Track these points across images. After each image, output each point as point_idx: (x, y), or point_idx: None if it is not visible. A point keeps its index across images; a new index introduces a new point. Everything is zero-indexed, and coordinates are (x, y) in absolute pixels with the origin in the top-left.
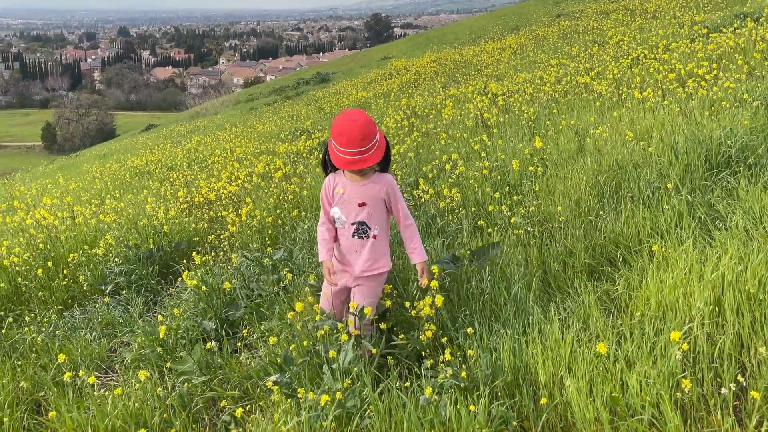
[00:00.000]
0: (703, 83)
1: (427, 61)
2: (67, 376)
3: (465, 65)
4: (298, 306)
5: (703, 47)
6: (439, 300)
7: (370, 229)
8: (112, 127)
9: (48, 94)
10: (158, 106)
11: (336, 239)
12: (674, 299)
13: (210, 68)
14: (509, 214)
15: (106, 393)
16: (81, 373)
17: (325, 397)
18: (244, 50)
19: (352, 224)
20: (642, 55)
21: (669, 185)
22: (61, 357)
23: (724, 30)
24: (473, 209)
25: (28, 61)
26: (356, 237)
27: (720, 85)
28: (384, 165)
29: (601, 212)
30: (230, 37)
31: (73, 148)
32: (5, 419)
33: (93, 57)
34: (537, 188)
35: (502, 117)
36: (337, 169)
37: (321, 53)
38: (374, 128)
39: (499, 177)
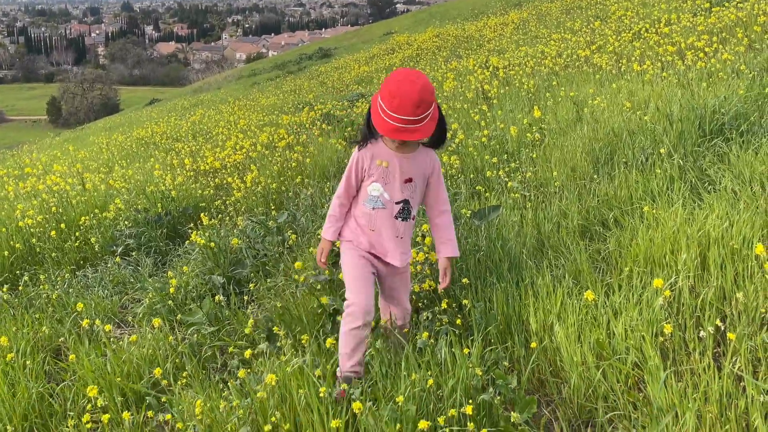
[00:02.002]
0: (701, 55)
1: (429, 36)
2: (85, 323)
3: (467, 40)
4: (297, 265)
5: (704, 21)
6: (434, 257)
7: (412, 209)
8: (116, 101)
9: (53, 69)
10: (161, 81)
11: (352, 226)
12: (662, 256)
13: (213, 44)
14: (507, 179)
15: (121, 342)
16: (97, 322)
17: (330, 341)
18: (247, 26)
19: (397, 203)
20: (643, 29)
21: (662, 150)
22: (80, 305)
23: (726, 4)
24: (472, 176)
25: (33, 35)
26: (400, 219)
27: (718, 57)
28: (438, 142)
29: (595, 176)
30: (233, 13)
31: (77, 122)
32: (27, 362)
33: (97, 32)
34: (534, 155)
35: (503, 89)
36: (377, 137)
37: (323, 29)
38: (433, 96)
39: (497, 146)
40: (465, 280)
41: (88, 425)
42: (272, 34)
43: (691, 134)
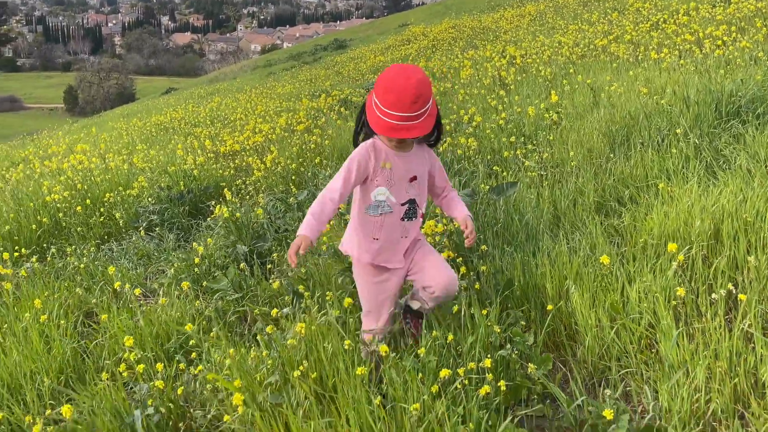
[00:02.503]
0: (719, 43)
1: (445, 27)
2: (116, 285)
3: (483, 31)
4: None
5: (723, 11)
6: (451, 227)
7: (418, 207)
8: (132, 90)
9: (70, 58)
10: (177, 72)
11: (354, 236)
12: (676, 229)
13: (228, 35)
14: (523, 159)
15: (150, 307)
16: (127, 286)
17: (348, 300)
18: (262, 17)
19: (403, 204)
20: (662, 20)
21: (678, 131)
22: (111, 269)
23: None
24: (489, 157)
25: (51, 24)
26: (406, 219)
27: (737, 46)
28: (436, 140)
29: (612, 156)
30: (248, 4)
31: (94, 110)
32: (61, 321)
33: (114, 22)
34: (551, 137)
35: (519, 76)
36: (371, 135)
37: (338, 21)
38: (430, 90)
39: (514, 129)
40: (483, 247)
41: (125, 373)
42: (287, 26)
43: (707, 116)
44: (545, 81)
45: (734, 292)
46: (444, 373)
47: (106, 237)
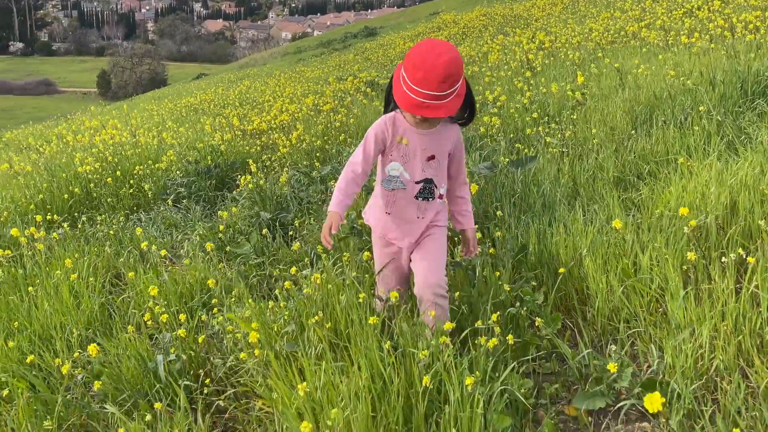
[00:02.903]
0: (751, 27)
1: (476, 15)
2: (143, 245)
3: (515, 19)
4: None
5: None
6: (474, 188)
7: (436, 187)
8: (164, 76)
9: (104, 43)
10: (208, 58)
11: (372, 205)
12: (692, 201)
13: (259, 22)
14: (545, 137)
15: (175, 269)
16: (153, 247)
17: (366, 254)
18: (293, 5)
19: (417, 183)
20: (695, 7)
21: (701, 108)
22: (138, 230)
23: None
24: (512, 135)
25: (85, 9)
26: (420, 198)
27: None
28: (468, 119)
29: (633, 132)
30: None
31: (126, 95)
32: (90, 279)
33: (147, 8)
34: (575, 117)
35: (547, 60)
36: (398, 112)
37: (369, 10)
38: (461, 70)
39: (539, 109)
40: (499, 213)
41: (149, 322)
42: (318, 14)
43: (732, 95)
44: (573, 65)
45: (744, 255)
46: (448, 326)
47: (135, 208)
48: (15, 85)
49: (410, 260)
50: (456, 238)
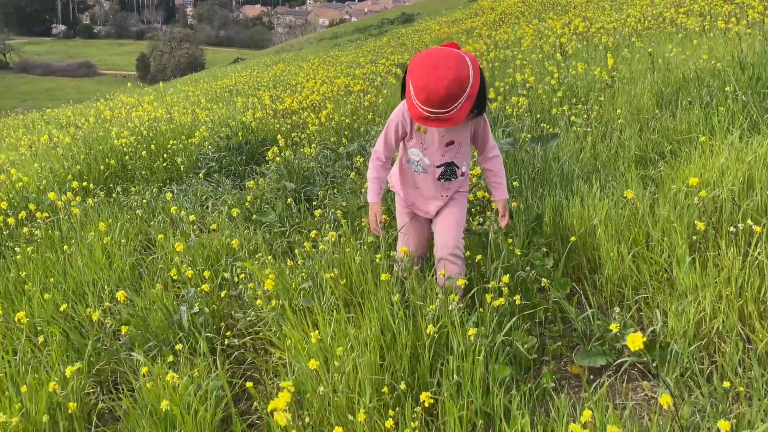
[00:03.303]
0: None
1: (514, 1)
2: (173, 209)
3: (553, 6)
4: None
5: None
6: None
7: (458, 168)
8: (201, 60)
9: (143, 27)
10: (245, 44)
11: (397, 177)
12: (711, 177)
13: (297, 8)
14: (571, 116)
15: (203, 236)
16: (182, 213)
17: (384, 216)
18: None
19: (438, 167)
20: None
21: (727, 89)
22: (168, 195)
23: None
24: (538, 116)
25: None
26: (443, 180)
27: None
28: (477, 110)
29: (657, 112)
30: None
31: (164, 78)
32: (123, 240)
33: None
34: (602, 98)
35: (580, 45)
36: None
37: None
38: (465, 84)
39: (567, 90)
40: (516, 183)
41: (176, 277)
42: (356, 0)
43: (761, 77)
44: (606, 50)
45: (752, 226)
46: (461, 282)
47: (167, 180)
48: (57, 66)
49: (431, 223)
50: (473, 210)
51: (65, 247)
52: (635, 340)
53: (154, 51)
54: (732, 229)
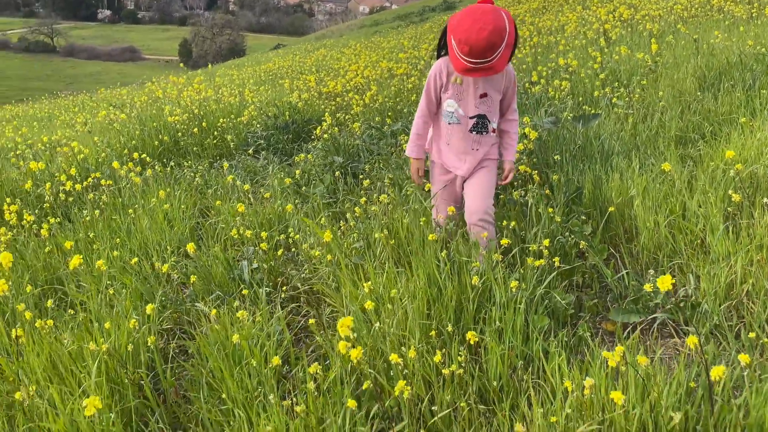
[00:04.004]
0: None
1: None
2: (229, 178)
3: None
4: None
5: None
6: (533, 134)
7: (489, 122)
8: (242, 47)
9: (186, 12)
10: (286, 30)
11: (432, 138)
12: (748, 154)
13: None
14: (613, 98)
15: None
16: (237, 182)
17: (428, 185)
18: None
19: (471, 118)
20: None
21: None
22: (225, 165)
23: None
24: (580, 98)
25: None
26: (474, 132)
27: None
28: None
29: (699, 94)
30: None
31: (206, 64)
32: (182, 207)
33: None
34: (645, 82)
35: (624, 31)
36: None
37: None
38: (503, 33)
39: (610, 75)
40: (557, 157)
41: (237, 236)
42: None
43: None
44: (651, 36)
45: None
46: (504, 242)
47: (218, 157)
48: (102, 50)
49: (463, 188)
50: (515, 183)
51: (130, 210)
52: (664, 282)
53: (197, 37)
54: (766, 200)
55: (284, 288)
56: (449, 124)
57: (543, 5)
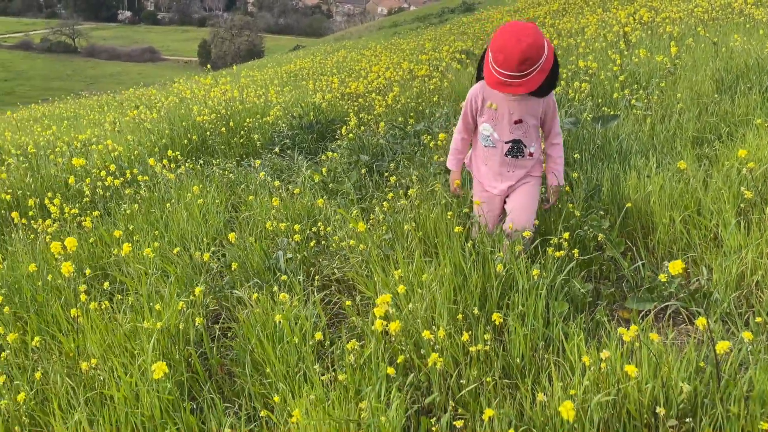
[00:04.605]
0: None
1: None
2: (261, 175)
3: None
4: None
5: None
6: None
7: (526, 147)
8: (261, 48)
9: (205, 14)
10: (304, 32)
11: (472, 157)
12: (762, 154)
13: None
14: (632, 100)
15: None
16: (267, 178)
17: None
18: None
19: (507, 143)
20: None
21: None
22: (257, 162)
23: None
24: (600, 100)
25: None
26: (510, 156)
27: None
28: (547, 87)
29: (716, 96)
30: None
31: (225, 65)
32: (217, 200)
33: None
34: (663, 84)
35: (644, 34)
36: None
37: None
38: (540, 51)
39: (629, 77)
40: (576, 155)
41: (271, 228)
42: None
43: None
44: (671, 39)
45: None
46: (527, 234)
47: (244, 155)
48: (122, 51)
49: (505, 202)
50: None
51: (167, 204)
52: (675, 266)
53: (215, 38)
54: None
55: (317, 277)
56: (485, 147)
57: (563, 7)
